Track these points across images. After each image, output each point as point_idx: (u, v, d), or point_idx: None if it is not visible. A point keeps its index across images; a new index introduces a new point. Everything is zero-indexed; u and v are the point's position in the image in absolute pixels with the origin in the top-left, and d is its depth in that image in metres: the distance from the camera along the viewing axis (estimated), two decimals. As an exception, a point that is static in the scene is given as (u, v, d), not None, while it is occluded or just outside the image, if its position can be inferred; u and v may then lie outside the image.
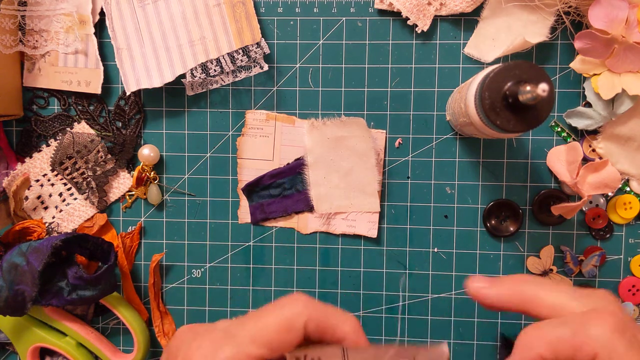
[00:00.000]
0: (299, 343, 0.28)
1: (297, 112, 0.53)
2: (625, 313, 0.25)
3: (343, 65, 0.52)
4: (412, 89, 0.52)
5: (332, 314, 0.29)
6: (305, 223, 0.53)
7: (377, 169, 0.52)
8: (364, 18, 0.52)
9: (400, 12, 0.50)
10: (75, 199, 0.54)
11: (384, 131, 0.52)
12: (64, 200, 0.54)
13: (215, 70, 0.51)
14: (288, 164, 0.53)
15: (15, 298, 0.47)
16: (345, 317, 0.30)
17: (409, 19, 0.50)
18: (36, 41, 0.52)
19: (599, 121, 0.49)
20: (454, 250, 0.53)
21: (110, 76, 0.53)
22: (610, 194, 0.51)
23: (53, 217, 0.54)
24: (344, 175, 0.52)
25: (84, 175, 0.54)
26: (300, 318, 0.28)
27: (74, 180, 0.54)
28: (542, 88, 0.34)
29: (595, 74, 0.48)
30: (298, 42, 0.52)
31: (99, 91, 0.53)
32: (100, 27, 0.53)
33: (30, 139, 0.54)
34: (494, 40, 0.50)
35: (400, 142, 0.52)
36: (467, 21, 0.51)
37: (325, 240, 0.54)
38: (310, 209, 0.53)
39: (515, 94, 0.36)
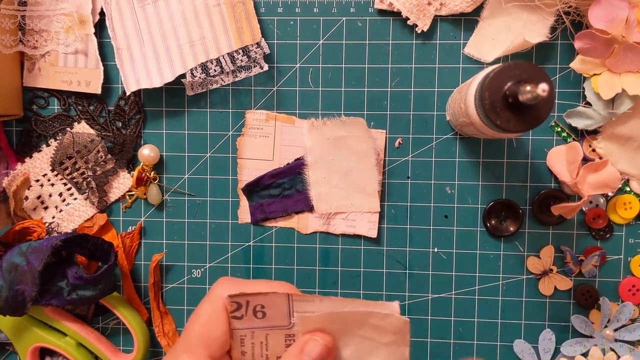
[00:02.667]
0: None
1: (297, 112, 0.53)
2: None
3: (343, 65, 0.52)
4: (412, 89, 0.52)
5: (253, 287, 0.30)
6: (305, 223, 0.53)
7: (377, 169, 0.52)
8: (364, 18, 0.52)
9: (400, 12, 0.50)
10: (75, 199, 0.54)
11: (384, 131, 0.52)
12: (64, 200, 0.54)
13: (215, 70, 0.51)
14: (288, 164, 0.53)
15: (15, 298, 0.47)
16: (273, 283, 0.30)
17: (409, 19, 0.50)
18: (36, 41, 0.52)
19: (599, 121, 0.49)
20: (454, 250, 0.53)
21: (110, 76, 0.53)
22: (610, 194, 0.51)
23: (53, 217, 0.54)
24: (344, 175, 0.52)
25: (84, 175, 0.54)
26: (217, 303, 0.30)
27: (74, 180, 0.54)
28: (542, 88, 0.34)
29: (595, 74, 0.48)
30: (298, 42, 0.52)
31: (99, 91, 0.53)
32: (100, 27, 0.53)
33: (30, 139, 0.54)
34: (494, 40, 0.50)
35: (400, 142, 0.52)
36: (467, 21, 0.51)
37: (325, 240, 0.54)
38: (310, 209, 0.53)
39: (515, 94, 0.36)
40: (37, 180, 0.54)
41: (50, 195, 0.54)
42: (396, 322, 0.29)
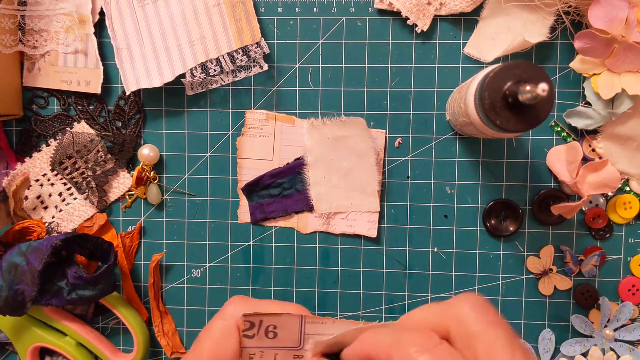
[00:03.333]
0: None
1: (297, 112, 0.53)
2: (483, 300, 0.28)
3: (343, 65, 0.52)
4: (412, 89, 0.52)
5: (265, 307, 0.30)
6: (305, 223, 0.53)
7: (377, 169, 0.52)
8: (364, 18, 0.52)
9: (400, 12, 0.50)
10: (75, 199, 0.54)
11: (384, 131, 0.52)
12: (64, 200, 0.54)
13: (215, 70, 0.51)
14: (288, 164, 0.53)
15: (15, 298, 0.47)
16: (285, 305, 0.31)
17: (409, 19, 0.50)
18: (36, 41, 0.52)
19: (599, 121, 0.49)
20: (454, 250, 0.53)
21: (110, 76, 0.53)
22: (610, 194, 0.51)
23: (53, 217, 0.54)
24: (344, 175, 0.52)
25: (84, 175, 0.54)
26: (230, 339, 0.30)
27: (74, 180, 0.54)
28: (542, 88, 0.34)
29: (595, 74, 0.48)
30: (298, 42, 0.52)
31: (99, 91, 0.53)
32: (100, 27, 0.53)
33: (30, 139, 0.54)
34: (494, 40, 0.50)
35: (400, 142, 0.52)
36: (467, 21, 0.51)
37: (325, 240, 0.54)
38: (310, 209, 0.53)
39: (515, 94, 0.36)
40: (37, 180, 0.54)
41: (50, 195, 0.54)
42: None
